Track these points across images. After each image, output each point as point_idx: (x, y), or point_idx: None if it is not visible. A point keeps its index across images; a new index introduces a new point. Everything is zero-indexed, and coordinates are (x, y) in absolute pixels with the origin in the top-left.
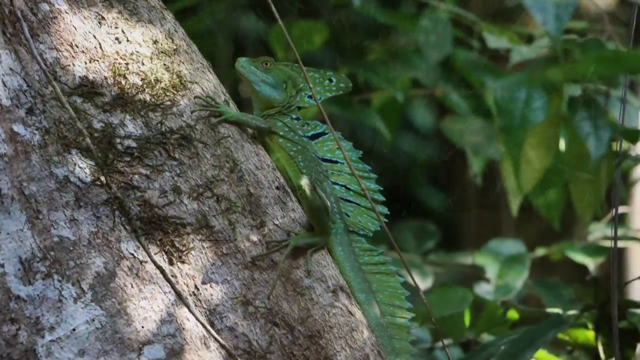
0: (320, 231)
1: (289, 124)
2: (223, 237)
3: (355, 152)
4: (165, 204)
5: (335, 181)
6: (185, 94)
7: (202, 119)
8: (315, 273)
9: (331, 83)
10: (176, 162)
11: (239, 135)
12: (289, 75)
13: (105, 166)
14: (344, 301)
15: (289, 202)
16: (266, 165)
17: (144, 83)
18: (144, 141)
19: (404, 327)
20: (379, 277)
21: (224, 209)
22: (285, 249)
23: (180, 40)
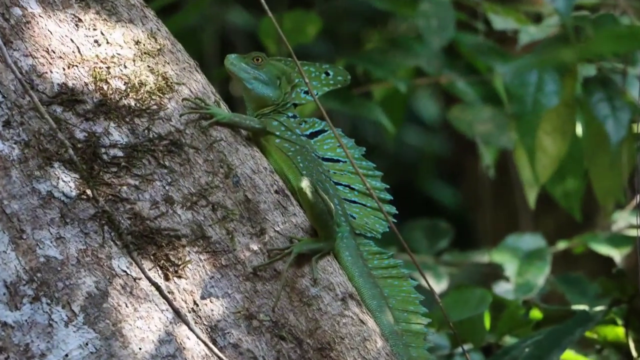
0: (325, 236)
1: (285, 123)
2: (221, 248)
3: (357, 149)
4: (157, 216)
5: (338, 181)
6: (172, 96)
7: (191, 123)
8: (321, 281)
9: (328, 77)
10: (166, 170)
11: (232, 137)
12: (282, 70)
13: (90, 179)
14: (354, 309)
15: (290, 207)
16: (263, 168)
17: (128, 87)
18: (131, 149)
19: (420, 334)
20: (391, 281)
21: (221, 218)
22: (289, 257)
23: (163, 40)
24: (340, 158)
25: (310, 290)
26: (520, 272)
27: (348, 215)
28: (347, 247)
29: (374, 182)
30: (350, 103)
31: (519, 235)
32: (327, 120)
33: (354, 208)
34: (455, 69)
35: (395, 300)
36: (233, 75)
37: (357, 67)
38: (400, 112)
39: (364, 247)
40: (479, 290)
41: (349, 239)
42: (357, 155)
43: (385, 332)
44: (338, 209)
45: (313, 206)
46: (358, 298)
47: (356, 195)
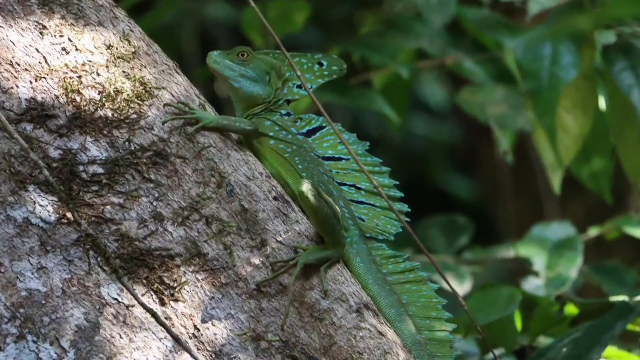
0: (333, 243)
1: (279, 122)
2: (220, 265)
3: (361, 145)
4: (146, 235)
5: (342, 182)
6: (152, 103)
7: (176, 130)
8: (333, 292)
9: (322, 67)
10: (153, 185)
11: (222, 143)
12: (271, 65)
13: (70, 200)
14: (371, 321)
15: (292, 214)
16: (259, 174)
17: (103, 97)
18: (112, 165)
19: (445, 342)
20: (409, 287)
21: (217, 232)
22: (295, 269)
23: (138, 41)
24: (343, 156)
25: (321, 304)
26: (551, 265)
27: (356, 218)
28: (358, 253)
29: (382, 179)
30: (348, 95)
31: (545, 225)
32: (325, 115)
33: (362, 209)
34: (461, 48)
35: (416, 307)
36: (217, 74)
37: (353, 54)
38: (404, 100)
39: (376, 251)
40: (507, 288)
41: (359, 244)
42: (361, 152)
43: (407, 343)
44: (345, 212)
45: (317, 211)
46: (375, 308)
47: (363, 195)
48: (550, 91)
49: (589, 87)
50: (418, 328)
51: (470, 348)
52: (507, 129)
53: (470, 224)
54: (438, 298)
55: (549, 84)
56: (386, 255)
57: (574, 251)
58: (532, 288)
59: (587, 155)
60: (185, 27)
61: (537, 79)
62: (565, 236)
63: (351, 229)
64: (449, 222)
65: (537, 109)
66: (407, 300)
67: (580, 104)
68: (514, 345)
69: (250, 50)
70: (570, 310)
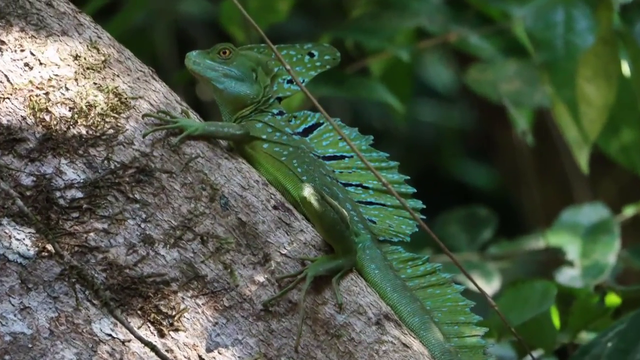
0: (343, 250)
1: (272, 123)
2: (221, 287)
3: (364, 139)
4: (137, 261)
5: (346, 182)
6: (130, 114)
7: (159, 142)
8: (348, 305)
9: (313, 58)
10: (139, 205)
11: (210, 151)
12: (256, 60)
13: (49, 231)
14: (393, 332)
15: (295, 222)
16: (254, 182)
17: (75, 113)
18: (92, 187)
19: (477, 348)
20: (431, 291)
21: (214, 250)
22: (304, 283)
23: (107, 48)
24: (345, 153)
25: (336, 319)
26: (585, 253)
27: (366, 220)
28: (371, 258)
29: (390, 175)
30: (345, 85)
31: (575, 209)
32: (321, 110)
33: (372, 210)
34: (464, 23)
35: (441, 313)
36: (198, 76)
37: (346, 40)
38: (406, 85)
39: (392, 255)
40: (540, 282)
41: (372, 248)
42: (365, 147)
43: (435, 353)
44: (353, 215)
45: (322, 217)
46: (396, 318)
47: (371, 194)
48: (567, 61)
49: (609, 52)
50: (446, 335)
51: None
52: (523, 106)
53: (492, 216)
54: (465, 300)
55: (564, 53)
56: (403, 258)
57: (609, 235)
58: (568, 279)
59: (615, 127)
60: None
61: (551, 49)
62: (598, 219)
63: (362, 233)
64: (468, 216)
65: (554, 81)
66: (431, 306)
67: (601, 72)
68: (553, 345)
69: (232, 46)
70: (611, 300)
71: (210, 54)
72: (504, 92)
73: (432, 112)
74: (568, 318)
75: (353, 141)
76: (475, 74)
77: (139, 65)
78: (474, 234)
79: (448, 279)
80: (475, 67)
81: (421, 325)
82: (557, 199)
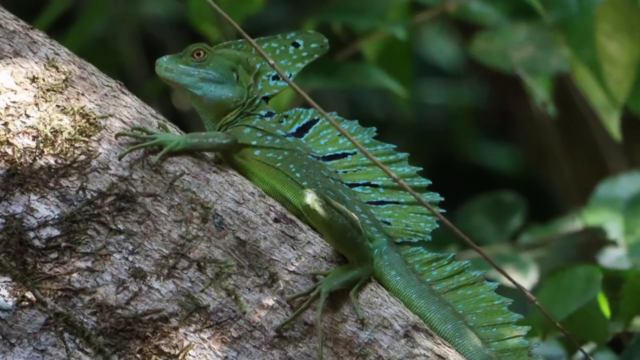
0: (357, 259)
1: (261, 126)
2: (226, 316)
3: (366, 132)
4: (129, 299)
5: (352, 182)
6: (101, 136)
7: (137, 163)
8: (371, 319)
9: (298, 48)
10: (123, 236)
11: (196, 167)
12: (235, 58)
13: (26, 277)
14: (425, 344)
15: (300, 234)
16: (249, 194)
17: (39, 142)
18: (69, 222)
19: (521, 350)
20: (462, 292)
21: (213, 276)
22: (318, 301)
23: (67, 65)
24: (347, 150)
25: (359, 337)
26: (629, 229)
27: (380, 222)
28: (390, 264)
29: (400, 168)
30: (337, 74)
31: (612, 181)
32: (314, 105)
33: (385, 210)
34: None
35: (476, 316)
36: (172, 83)
37: (333, 23)
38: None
39: (413, 257)
40: (582, 268)
41: (390, 253)
42: (368, 140)
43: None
44: (364, 218)
45: (330, 224)
46: (426, 327)
47: (382, 192)
48: (582, 17)
49: (629, 2)
50: (484, 340)
51: (552, 350)
52: (539, 74)
53: (520, 200)
54: (500, 298)
55: (578, 9)
56: (426, 259)
57: None
58: (613, 261)
59: None
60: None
61: (563, 6)
62: (638, 190)
63: (376, 237)
64: (493, 203)
65: (571, 42)
66: (464, 309)
67: (622, 25)
68: (605, 336)
69: (206, 46)
70: None
71: (183, 58)
72: (516, 60)
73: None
74: (618, 304)
75: (354, 135)
76: (482, 44)
77: (104, 79)
78: (502, 223)
79: (479, 277)
80: (481, 37)
81: (455, 332)
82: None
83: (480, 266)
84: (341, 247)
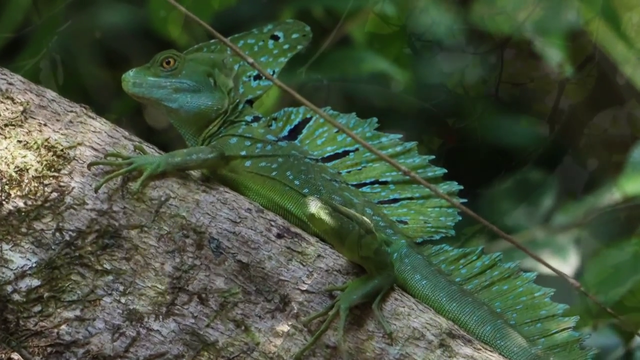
0: (376, 267)
1: (248, 134)
2: (238, 350)
3: (366, 125)
4: (127, 346)
5: (358, 182)
6: (72, 168)
7: (116, 193)
8: (400, 332)
9: (278, 41)
10: (112, 276)
11: (182, 188)
12: (210, 62)
13: (10, 337)
14: (464, 351)
15: (308, 248)
16: (246, 211)
17: (4, 184)
18: (48, 269)
19: (571, 343)
20: (497, 288)
21: (218, 308)
22: (338, 320)
23: (24, 94)
24: (347, 148)
25: (389, 353)
26: None
27: (395, 222)
28: (413, 267)
29: (410, 159)
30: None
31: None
32: (304, 101)
33: (399, 209)
34: None
35: (516, 312)
36: (142, 99)
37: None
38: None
39: (437, 257)
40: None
41: (411, 255)
42: (370, 133)
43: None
44: (377, 221)
45: (339, 232)
46: (462, 332)
47: (393, 189)
48: None
49: None
50: (529, 338)
51: (606, 339)
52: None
53: (548, 177)
54: (541, 289)
55: None
56: (452, 257)
57: None
58: None
59: None
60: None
61: None
62: None
63: (393, 239)
64: (519, 184)
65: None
66: (502, 307)
67: None
68: None
69: (176, 52)
70: None
71: (151, 69)
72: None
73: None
74: None
75: (353, 130)
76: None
77: (67, 105)
78: (531, 205)
79: (514, 269)
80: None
81: (495, 333)
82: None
83: (514, 256)
84: (355, 256)
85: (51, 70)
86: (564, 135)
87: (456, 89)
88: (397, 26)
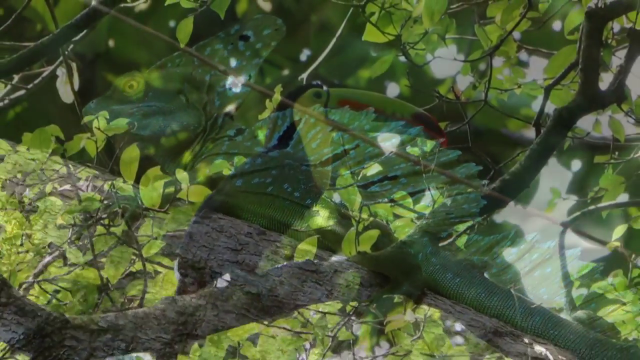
0: (400, 272)
1: (234, 150)
2: None
3: (363, 117)
4: None
5: (365, 181)
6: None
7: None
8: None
9: (249, 41)
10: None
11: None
12: (177, 77)
13: None
14: (514, 349)
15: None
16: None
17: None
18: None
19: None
20: (539, 273)
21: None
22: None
23: None
24: (347, 146)
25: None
26: None
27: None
28: (443, 266)
29: (417, 147)
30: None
31: None
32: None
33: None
34: None
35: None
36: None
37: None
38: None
39: (467, 249)
40: None
41: (437, 253)
42: (368, 126)
43: (581, 350)
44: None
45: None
46: (509, 328)
47: (404, 183)
48: None
49: None
50: (585, 322)
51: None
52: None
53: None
54: (588, 266)
55: None
56: (484, 246)
57: None
58: None
59: None
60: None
61: None
62: None
63: (415, 239)
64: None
65: None
66: (548, 292)
67: None
68: None
69: (137, 74)
70: None
71: (114, 95)
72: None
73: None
74: None
75: (350, 125)
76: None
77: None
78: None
79: (553, 249)
80: None
81: (546, 323)
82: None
83: (552, 234)
84: (372, 263)
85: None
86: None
87: (454, 61)
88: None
